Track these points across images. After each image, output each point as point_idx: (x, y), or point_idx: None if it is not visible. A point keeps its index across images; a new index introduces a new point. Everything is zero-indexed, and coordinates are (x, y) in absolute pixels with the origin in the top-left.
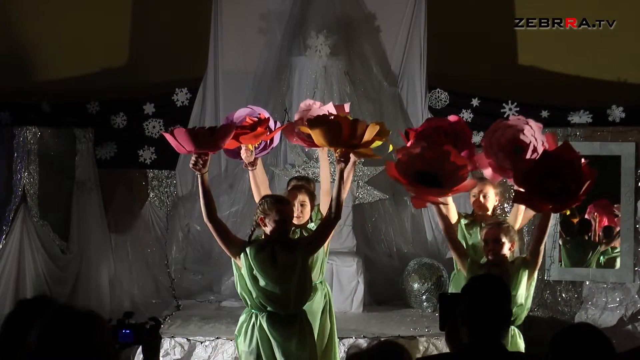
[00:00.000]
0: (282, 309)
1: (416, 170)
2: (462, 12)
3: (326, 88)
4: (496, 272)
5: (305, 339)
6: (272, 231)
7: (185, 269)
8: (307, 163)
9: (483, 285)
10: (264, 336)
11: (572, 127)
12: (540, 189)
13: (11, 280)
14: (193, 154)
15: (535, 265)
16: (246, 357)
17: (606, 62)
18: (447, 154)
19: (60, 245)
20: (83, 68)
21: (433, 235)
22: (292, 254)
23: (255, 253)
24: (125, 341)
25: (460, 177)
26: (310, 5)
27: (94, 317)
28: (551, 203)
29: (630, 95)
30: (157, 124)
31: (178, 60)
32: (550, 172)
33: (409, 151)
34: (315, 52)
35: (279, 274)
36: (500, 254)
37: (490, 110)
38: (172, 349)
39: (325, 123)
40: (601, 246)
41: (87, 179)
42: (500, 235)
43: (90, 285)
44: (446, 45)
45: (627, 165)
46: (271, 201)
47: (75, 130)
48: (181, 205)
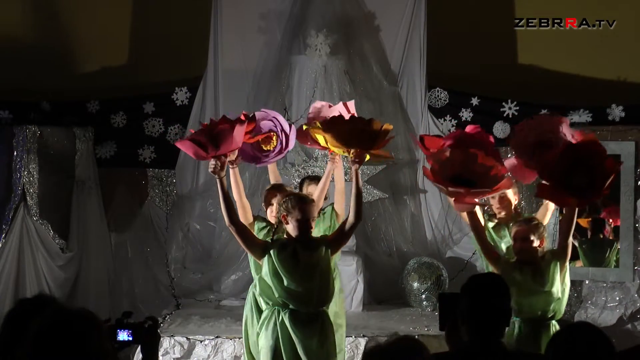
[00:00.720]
0: (304, 307)
1: (450, 174)
2: (461, 11)
3: (326, 87)
4: (528, 270)
5: (326, 338)
6: (294, 230)
7: (185, 268)
8: (307, 162)
9: (483, 284)
10: (285, 333)
11: (572, 126)
12: (565, 184)
13: (11, 279)
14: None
15: (565, 257)
16: (266, 352)
17: (606, 62)
18: (474, 156)
19: (60, 244)
20: (83, 67)
21: (433, 235)
22: (314, 253)
23: (278, 253)
24: (123, 340)
25: (494, 177)
26: (310, 4)
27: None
28: (576, 198)
29: (629, 95)
30: (157, 123)
31: (178, 59)
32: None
33: (439, 157)
34: (315, 51)
35: (301, 273)
36: (530, 251)
37: (489, 110)
38: (172, 348)
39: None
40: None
41: (87, 178)
42: (528, 233)
43: (89, 284)
44: (446, 44)
45: (626, 164)
46: (295, 199)
47: (75, 129)
48: (181, 204)
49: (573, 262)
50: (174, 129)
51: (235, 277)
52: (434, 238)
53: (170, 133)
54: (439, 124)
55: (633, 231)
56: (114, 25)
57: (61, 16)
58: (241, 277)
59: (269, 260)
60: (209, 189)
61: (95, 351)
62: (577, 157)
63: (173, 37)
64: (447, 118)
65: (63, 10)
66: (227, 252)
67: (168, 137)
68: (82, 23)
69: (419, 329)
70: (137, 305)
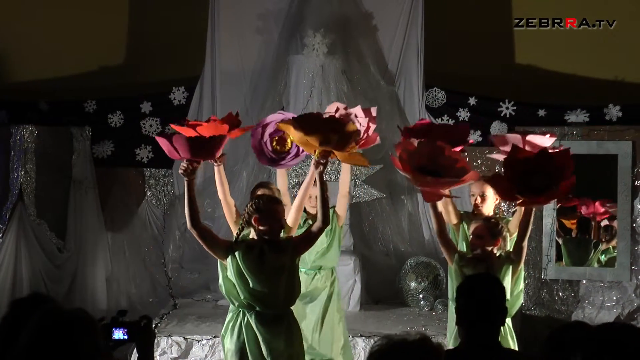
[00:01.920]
0: (270, 308)
1: (417, 165)
2: (459, 10)
3: (323, 87)
4: (481, 268)
5: (293, 337)
6: (264, 231)
7: (182, 267)
8: (303, 162)
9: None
10: (251, 334)
11: (569, 126)
12: (522, 180)
13: (8, 278)
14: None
15: (518, 261)
16: (231, 355)
17: (603, 62)
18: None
19: (57, 243)
20: (80, 67)
21: (430, 234)
22: (281, 256)
23: (244, 254)
24: (119, 339)
25: (460, 170)
26: (308, 4)
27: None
28: (525, 196)
29: (627, 94)
30: (154, 123)
31: (175, 59)
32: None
33: (406, 146)
34: (312, 51)
35: (267, 275)
36: (484, 249)
37: (487, 109)
38: (169, 348)
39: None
40: (602, 244)
41: (84, 177)
42: (484, 231)
43: (87, 284)
44: (443, 44)
45: (623, 164)
46: (266, 200)
47: (72, 128)
48: (178, 203)
49: (559, 262)
50: (171, 128)
51: None
52: (431, 238)
53: (167, 133)
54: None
55: (630, 231)
56: (112, 25)
57: (59, 16)
58: None
59: (232, 261)
60: (206, 189)
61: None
62: (545, 163)
63: (171, 36)
64: (445, 118)
65: (61, 9)
66: None
67: None
68: (80, 22)
69: (416, 329)
70: (135, 305)
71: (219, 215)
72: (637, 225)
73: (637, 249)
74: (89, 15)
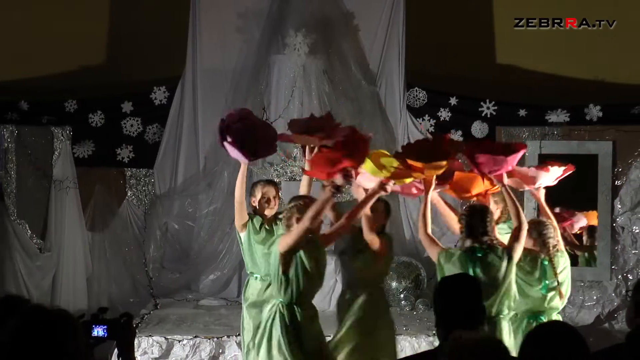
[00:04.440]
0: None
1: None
2: (440, 11)
3: (304, 87)
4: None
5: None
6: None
7: (163, 267)
8: (286, 162)
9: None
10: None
11: (550, 125)
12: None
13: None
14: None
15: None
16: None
17: (583, 62)
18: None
19: (37, 243)
20: (61, 66)
21: (411, 234)
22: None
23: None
24: (99, 336)
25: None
26: (289, 4)
27: (64, 316)
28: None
29: (607, 94)
30: (135, 123)
31: (156, 58)
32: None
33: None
34: (294, 51)
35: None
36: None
37: (468, 109)
38: (150, 348)
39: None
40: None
41: (65, 177)
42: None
43: (68, 284)
44: (425, 44)
45: (604, 164)
46: (308, 201)
47: (53, 128)
48: (159, 203)
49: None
50: (152, 128)
51: (214, 276)
52: (412, 237)
53: (148, 132)
54: (418, 123)
55: (610, 230)
56: (93, 24)
57: (39, 15)
58: (219, 276)
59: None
60: (187, 189)
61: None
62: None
63: (151, 36)
64: (426, 118)
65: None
66: (206, 252)
67: (146, 136)
68: (61, 21)
69: (398, 329)
70: (115, 305)
71: (200, 216)
72: (617, 225)
73: (617, 249)
74: (70, 15)
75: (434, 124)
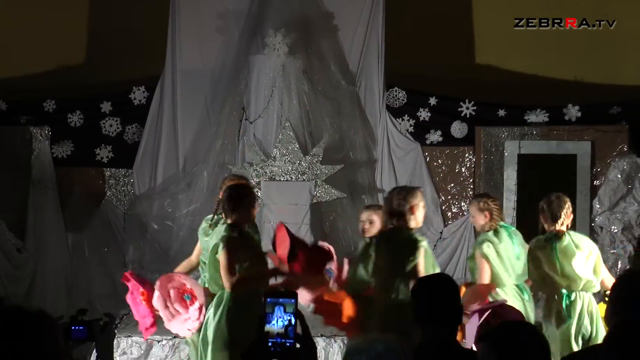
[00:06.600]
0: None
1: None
2: (419, 11)
3: (284, 86)
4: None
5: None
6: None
7: (143, 267)
8: (265, 162)
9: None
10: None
11: (529, 125)
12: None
13: None
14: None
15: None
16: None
17: (562, 62)
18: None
19: (16, 244)
20: (40, 66)
21: None
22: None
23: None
24: (78, 337)
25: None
26: (268, 3)
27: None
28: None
29: (586, 95)
30: (114, 123)
31: (135, 58)
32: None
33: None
34: (273, 51)
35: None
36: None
37: (447, 109)
38: (129, 348)
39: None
40: None
41: (44, 177)
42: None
43: (46, 284)
44: (404, 44)
45: (582, 164)
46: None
47: (32, 128)
48: (138, 203)
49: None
50: (131, 128)
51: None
52: None
53: (127, 132)
54: (397, 123)
55: (589, 230)
56: (71, 24)
57: (18, 14)
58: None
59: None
60: (166, 189)
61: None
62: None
63: (131, 36)
64: (405, 118)
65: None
66: (185, 252)
67: (125, 136)
68: (39, 21)
69: None
70: (95, 305)
71: (180, 216)
72: (595, 224)
73: None
74: (49, 14)
75: (413, 124)
